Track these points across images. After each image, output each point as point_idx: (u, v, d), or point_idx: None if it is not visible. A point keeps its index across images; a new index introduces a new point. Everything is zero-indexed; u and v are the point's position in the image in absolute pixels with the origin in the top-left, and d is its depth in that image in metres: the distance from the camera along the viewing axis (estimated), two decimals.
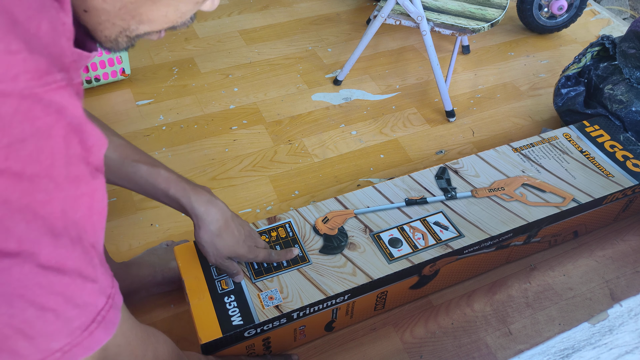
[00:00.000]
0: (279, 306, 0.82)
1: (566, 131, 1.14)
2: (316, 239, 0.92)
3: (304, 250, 0.90)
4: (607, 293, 1.02)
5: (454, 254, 0.91)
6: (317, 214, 0.96)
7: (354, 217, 0.96)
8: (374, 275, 0.86)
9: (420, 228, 0.94)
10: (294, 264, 0.88)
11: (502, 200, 0.99)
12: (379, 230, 0.94)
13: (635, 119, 1.15)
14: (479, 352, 0.92)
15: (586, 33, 1.73)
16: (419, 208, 0.98)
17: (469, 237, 0.92)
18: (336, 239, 0.92)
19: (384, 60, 1.58)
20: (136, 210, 1.12)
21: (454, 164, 1.06)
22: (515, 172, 1.05)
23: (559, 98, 1.29)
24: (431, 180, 1.03)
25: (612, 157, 1.09)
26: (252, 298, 0.83)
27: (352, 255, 0.89)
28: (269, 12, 1.76)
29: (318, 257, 0.89)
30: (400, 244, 0.91)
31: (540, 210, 0.97)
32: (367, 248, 0.91)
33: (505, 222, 0.95)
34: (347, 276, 0.86)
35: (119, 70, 1.40)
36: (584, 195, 1.00)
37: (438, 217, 0.96)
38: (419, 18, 1.29)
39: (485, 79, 1.54)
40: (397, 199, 0.99)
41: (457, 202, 0.99)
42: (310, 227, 0.94)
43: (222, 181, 1.20)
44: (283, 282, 0.85)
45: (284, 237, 0.92)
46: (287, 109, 1.40)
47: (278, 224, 0.94)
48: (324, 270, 0.87)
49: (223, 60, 1.55)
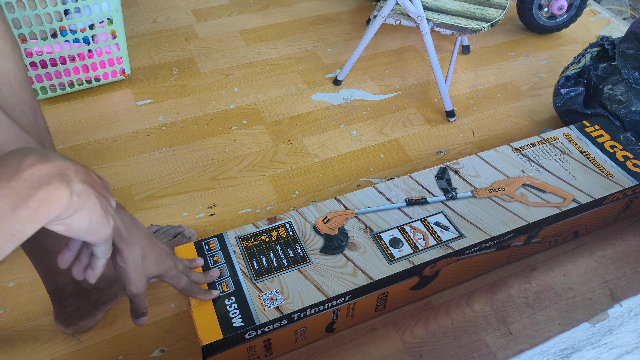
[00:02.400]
0: (279, 307, 0.81)
1: (566, 131, 1.14)
2: (317, 239, 0.92)
3: (305, 250, 0.90)
4: (607, 293, 1.02)
5: (454, 255, 0.91)
6: (318, 214, 0.96)
7: (354, 217, 0.96)
8: (374, 276, 0.86)
9: (420, 228, 0.94)
10: (295, 264, 0.88)
11: (503, 200, 0.99)
12: (379, 230, 0.94)
13: (635, 119, 1.15)
14: (479, 352, 0.92)
15: (586, 33, 1.73)
16: (419, 208, 0.98)
17: (469, 237, 0.92)
18: (337, 238, 0.92)
19: (384, 60, 1.58)
20: (136, 210, 1.12)
21: (454, 164, 1.06)
22: (516, 172, 1.05)
23: (558, 98, 1.29)
24: (431, 181, 1.03)
25: (612, 157, 1.09)
26: (252, 299, 0.83)
27: (352, 255, 0.89)
28: (269, 12, 1.76)
29: (319, 257, 0.89)
30: (401, 245, 0.91)
31: (540, 211, 0.97)
32: (368, 248, 0.91)
33: (506, 222, 0.95)
34: (348, 277, 0.86)
35: (119, 70, 1.40)
36: (585, 196, 1.00)
37: (439, 218, 0.96)
38: (419, 18, 1.29)
39: (485, 79, 1.54)
40: (398, 199, 0.99)
41: (458, 203, 0.99)
42: (310, 227, 0.94)
43: (222, 181, 1.20)
44: (284, 283, 0.85)
45: (284, 236, 0.92)
46: (287, 109, 1.40)
47: (278, 223, 0.94)
48: (324, 270, 0.87)
49: (223, 60, 1.55)
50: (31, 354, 0.89)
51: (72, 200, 0.46)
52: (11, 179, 0.43)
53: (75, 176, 0.47)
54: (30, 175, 0.44)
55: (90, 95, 1.39)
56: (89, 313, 0.90)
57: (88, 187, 0.49)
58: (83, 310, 0.89)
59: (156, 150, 1.26)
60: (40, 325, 0.93)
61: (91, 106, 1.37)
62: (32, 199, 0.43)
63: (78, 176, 0.48)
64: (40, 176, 0.44)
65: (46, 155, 0.46)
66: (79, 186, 0.47)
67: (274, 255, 0.89)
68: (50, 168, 0.45)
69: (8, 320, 0.93)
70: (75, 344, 0.91)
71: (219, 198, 1.16)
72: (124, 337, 0.92)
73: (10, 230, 0.42)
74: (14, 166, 0.43)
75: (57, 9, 1.20)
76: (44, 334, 0.92)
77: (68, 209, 0.46)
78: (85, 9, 1.24)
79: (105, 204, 0.52)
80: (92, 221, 0.50)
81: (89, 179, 0.50)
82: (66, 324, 0.89)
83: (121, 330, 0.93)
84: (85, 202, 0.48)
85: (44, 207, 0.44)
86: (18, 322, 0.93)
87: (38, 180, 0.44)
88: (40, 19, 1.20)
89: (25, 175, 0.43)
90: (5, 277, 0.99)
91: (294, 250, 0.90)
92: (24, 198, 0.43)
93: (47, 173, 0.45)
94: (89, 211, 0.49)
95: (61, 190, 0.45)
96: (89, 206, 0.49)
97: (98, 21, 1.28)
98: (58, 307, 0.87)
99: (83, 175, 0.49)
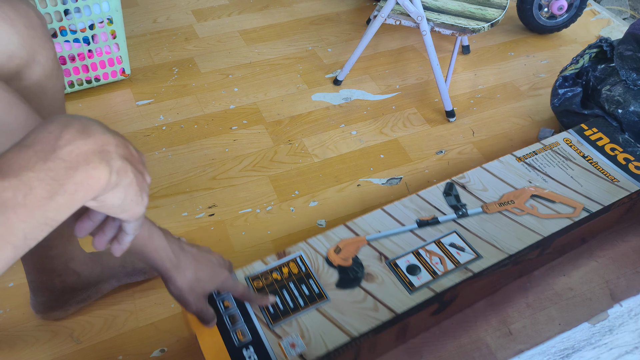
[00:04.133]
0: (303, 355, 0.76)
1: (566, 136, 1.14)
2: (331, 272, 0.87)
3: (320, 286, 0.85)
4: (607, 293, 1.02)
5: (474, 278, 0.88)
6: (328, 244, 0.91)
7: (366, 244, 0.91)
8: (397, 309, 0.81)
9: (436, 251, 0.90)
10: (312, 302, 0.82)
11: (514, 214, 0.97)
12: (394, 257, 0.89)
13: (633, 120, 1.15)
14: (479, 352, 0.92)
15: (586, 33, 1.73)
16: (431, 229, 0.94)
17: (487, 257, 0.89)
18: (352, 270, 0.87)
19: (384, 60, 1.58)
20: None
21: (460, 179, 1.04)
22: (522, 182, 1.03)
23: (555, 98, 1.29)
24: (440, 198, 1.00)
25: (614, 161, 1.08)
26: (272, 347, 0.77)
27: (370, 287, 0.85)
28: (269, 12, 1.76)
29: (336, 293, 0.84)
30: (419, 271, 0.87)
31: (553, 223, 0.95)
32: (386, 278, 0.86)
33: (520, 238, 0.93)
34: (369, 312, 0.81)
35: (119, 70, 1.40)
36: (594, 203, 0.99)
37: (452, 238, 0.93)
38: (419, 18, 1.29)
39: (485, 79, 1.54)
40: (408, 221, 0.95)
41: (469, 220, 0.96)
42: (322, 259, 0.89)
43: (222, 181, 1.20)
44: (303, 325, 0.79)
45: (296, 273, 0.86)
46: (287, 109, 1.40)
47: (288, 258, 0.89)
48: (344, 307, 0.82)
49: (223, 60, 1.55)
50: (31, 354, 0.89)
51: (110, 179, 0.42)
52: (48, 159, 0.38)
53: (115, 152, 0.42)
54: (69, 153, 0.39)
55: (90, 95, 1.39)
56: (60, 307, 0.92)
57: (126, 164, 0.44)
58: (55, 303, 0.91)
59: (156, 150, 1.26)
60: (40, 325, 0.93)
61: (91, 106, 1.37)
62: (70, 182, 0.38)
63: (118, 151, 0.43)
64: (79, 154, 0.39)
65: (87, 128, 0.41)
66: (117, 163, 0.42)
67: (288, 294, 0.83)
68: (91, 144, 0.40)
69: (8, 320, 0.93)
70: (75, 344, 0.91)
71: (219, 198, 1.16)
72: (124, 337, 0.92)
73: (45, 218, 0.38)
74: (51, 142, 0.39)
75: (57, 9, 1.20)
76: (44, 334, 0.92)
77: (105, 189, 0.42)
78: (85, 9, 1.24)
79: (141, 181, 0.47)
80: (126, 199, 0.45)
81: (127, 153, 0.45)
82: (37, 311, 0.91)
83: (121, 331, 0.93)
84: (122, 180, 0.43)
85: (81, 190, 0.39)
86: (18, 322, 0.93)
87: (77, 159, 0.39)
88: None
89: (63, 154, 0.38)
90: (5, 277, 0.99)
91: (309, 287, 0.85)
92: (61, 182, 0.38)
93: (86, 150, 0.40)
94: (125, 189, 0.44)
95: (99, 171, 0.40)
96: (125, 184, 0.44)
97: (98, 21, 1.28)
98: (33, 295, 0.90)
99: (122, 150, 0.44)
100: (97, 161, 0.40)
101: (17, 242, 0.36)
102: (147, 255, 0.66)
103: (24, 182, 0.36)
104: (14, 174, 0.36)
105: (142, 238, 0.64)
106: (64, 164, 0.38)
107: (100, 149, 0.41)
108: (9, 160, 0.37)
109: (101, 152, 0.41)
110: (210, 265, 0.73)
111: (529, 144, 1.15)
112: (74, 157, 0.39)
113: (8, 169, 0.36)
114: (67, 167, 0.38)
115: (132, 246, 0.64)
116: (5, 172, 0.36)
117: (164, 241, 0.67)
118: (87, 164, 0.39)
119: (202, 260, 0.72)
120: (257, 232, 1.10)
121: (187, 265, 0.68)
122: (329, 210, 1.15)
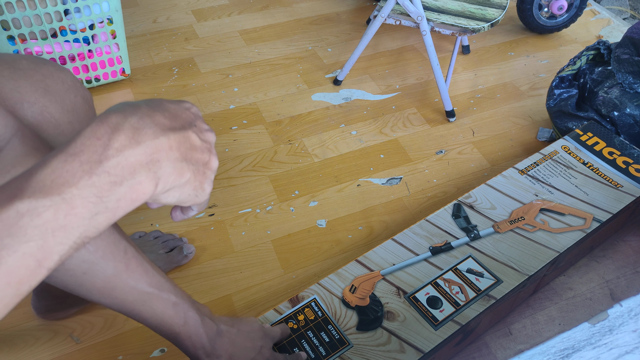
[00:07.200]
0: None
1: (564, 143, 1.14)
2: (349, 314, 0.83)
3: (340, 331, 0.81)
4: (607, 293, 1.02)
5: (497, 304, 0.86)
6: (342, 283, 0.88)
7: (382, 279, 0.88)
8: (424, 348, 0.78)
9: (455, 280, 0.88)
10: (334, 350, 0.78)
11: (526, 231, 0.96)
12: (413, 290, 0.86)
13: (628, 122, 1.16)
14: (479, 352, 0.92)
15: (586, 33, 1.73)
16: (445, 255, 0.92)
17: (507, 281, 0.87)
18: (371, 310, 0.83)
19: (384, 60, 1.58)
20: (137, 209, 1.12)
21: (467, 199, 1.02)
22: (529, 196, 1.02)
23: (551, 98, 1.29)
24: (449, 221, 0.98)
25: (613, 165, 1.08)
26: None
27: (393, 326, 0.81)
28: (269, 12, 1.76)
29: (357, 337, 0.80)
30: (441, 304, 0.84)
31: (566, 237, 0.94)
32: (407, 315, 0.83)
33: (536, 256, 0.91)
34: (396, 354, 0.78)
35: (119, 70, 1.40)
36: (602, 212, 0.99)
37: (469, 263, 0.90)
38: (419, 18, 1.29)
39: (485, 79, 1.54)
40: (421, 249, 0.93)
41: (483, 242, 0.94)
42: (338, 301, 0.85)
43: (222, 181, 1.20)
44: None
45: (312, 319, 0.82)
46: (287, 109, 1.40)
47: (303, 304, 0.85)
48: (368, 352, 0.78)
49: (223, 60, 1.55)
50: (31, 354, 0.89)
51: (156, 190, 0.38)
52: (93, 172, 0.34)
53: (167, 159, 0.38)
54: (115, 166, 0.35)
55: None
56: (63, 309, 0.92)
57: (182, 165, 0.40)
58: (57, 306, 0.91)
59: None
60: (40, 325, 0.93)
61: None
62: (112, 199, 0.35)
63: (171, 156, 0.38)
64: (125, 166, 0.35)
65: (138, 133, 0.37)
66: (168, 170, 0.38)
67: (307, 344, 0.80)
68: (139, 154, 0.36)
69: (8, 320, 0.93)
70: (75, 344, 0.91)
71: (219, 198, 1.16)
72: (124, 337, 0.92)
73: (82, 238, 0.35)
74: (98, 151, 0.35)
75: (57, 9, 1.20)
76: (44, 334, 0.92)
77: (152, 197, 0.38)
78: (85, 9, 1.24)
79: (202, 174, 0.42)
80: (182, 195, 0.41)
81: (186, 149, 0.40)
82: (38, 312, 0.92)
83: (121, 330, 0.93)
84: (175, 182, 0.39)
85: (123, 205, 0.36)
86: (18, 322, 0.93)
87: (122, 173, 0.35)
88: (40, 19, 1.20)
89: (109, 167, 0.35)
90: None
91: (329, 333, 0.81)
92: (103, 198, 0.35)
93: (133, 162, 0.36)
94: (180, 189, 0.41)
95: (144, 185, 0.37)
96: (180, 184, 0.40)
97: (98, 21, 1.28)
98: (36, 298, 0.90)
99: (178, 151, 0.39)
100: (143, 174, 0.36)
101: (53, 265, 0.34)
102: (180, 342, 0.64)
103: (67, 200, 0.33)
104: (58, 191, 0.33)
105: (177, 325, 0.62)
106: (108, 178, 0.35)
107: (149, 159, 0.37)
108: (53, 172, 0.34)
109: (149, 163, 0.37)
110: (251, 345, 0.69)
111: (528, 144, 1.15)
112: (119, 170, 0.35)
113: (52, 184, 0.33)
114: (111, 181, 0.35)
115: (164, 331, 0.62)
116: (49, 189, 0.33)
117: (200, 328, 0.64)
118: (132, 177, 0.36)
119: (241, 343, 0.68)
120: (257, 232, 1.10)
121: (222, 352, 0.65)
122: (329, 210, 1.15)
